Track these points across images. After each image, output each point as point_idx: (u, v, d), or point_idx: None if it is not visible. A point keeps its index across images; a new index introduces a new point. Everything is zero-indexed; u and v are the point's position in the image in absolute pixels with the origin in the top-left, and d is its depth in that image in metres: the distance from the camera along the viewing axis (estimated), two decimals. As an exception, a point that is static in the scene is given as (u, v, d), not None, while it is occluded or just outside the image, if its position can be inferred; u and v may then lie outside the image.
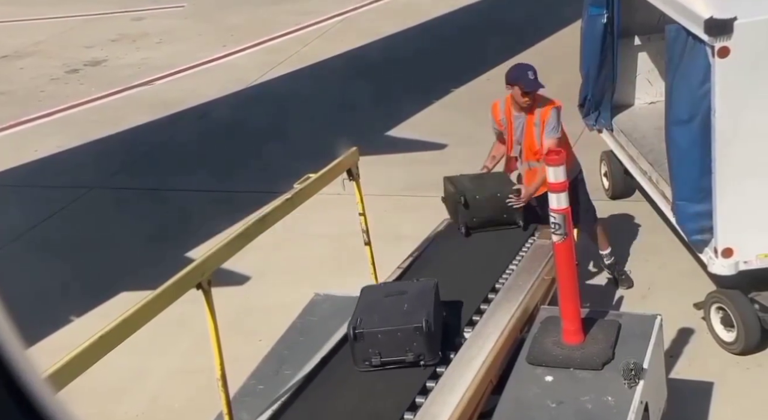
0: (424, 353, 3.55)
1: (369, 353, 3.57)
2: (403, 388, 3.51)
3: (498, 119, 5.17)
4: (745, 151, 4.38)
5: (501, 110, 5.17)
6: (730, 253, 4.51)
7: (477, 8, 11.77)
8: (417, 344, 3.54)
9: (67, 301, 6.07)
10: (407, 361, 3.56)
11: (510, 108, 5.11)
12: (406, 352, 3.54)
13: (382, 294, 3.84)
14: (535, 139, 5.02)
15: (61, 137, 9.10)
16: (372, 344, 3.55)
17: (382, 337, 3.56)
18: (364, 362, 3.59)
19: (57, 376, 2.61)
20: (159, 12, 13.49)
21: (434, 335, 3.59)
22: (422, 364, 3.57)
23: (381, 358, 3.56)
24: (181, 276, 3.15)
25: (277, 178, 6.13)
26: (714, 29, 4.16)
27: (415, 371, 3.59)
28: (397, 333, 3.56)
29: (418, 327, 3.52)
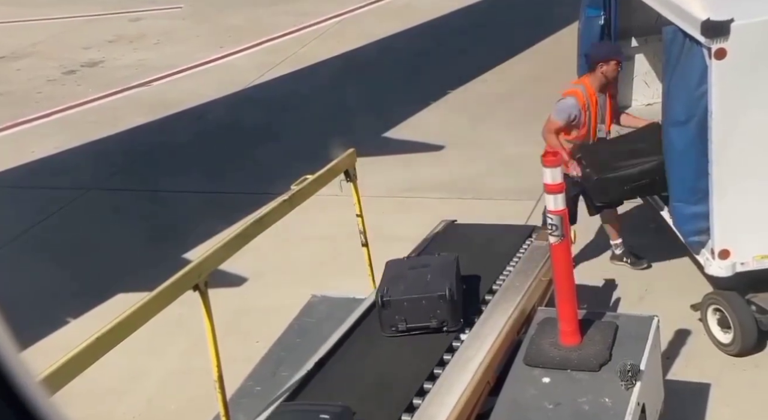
0: (447, 320, 3.80)
1: (396, 320, 3.80)
2: (401, 389, 3.51)
3: (584, 104, 5.25)
4: (741, 152, 4.39)
5: (584, 94, 5.27)
6: (727, 254, 4.52)
7: (474, 10, 11.79)
8: (440, 311, 3.78)
9: (64, 302, 6.06)
10: (431, 327, 3.79)
11: (592, 89, 5.29)
12: (431, 319, 3.79)
13: (407, 267, 4.08)
14: (614, 112, 5.43)
15: (58, 138, 9.09)
16: (398, 311, 3.78)
17: (408, 305, 3.79)
18: (391, 328, 3.82)
19: (53, 378, 2.60)
20: (157, 13, 13.48)
21: (456, 303, 3.82)
22: (445, 329, 3.81)
23: (407, 324, 3.79)
24: (179, 277, 3.14)
25: (275, 179, 6.13)
26: (711, 31, 4.17)
27: (412, 373, 3.60)
28: (422, 301, 3.79)
29: (442, 295, 3.77)
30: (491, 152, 7.74)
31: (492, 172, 7.35)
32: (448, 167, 7.56)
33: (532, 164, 5.09)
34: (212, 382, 3.27)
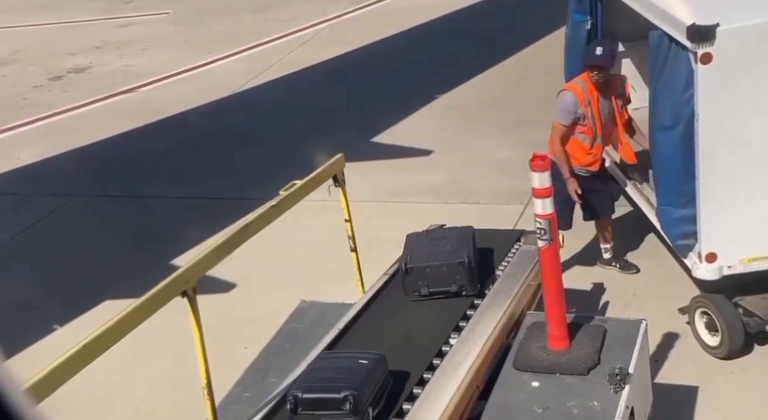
0: (466, 285, 4.15)
1: (418, 285, 4.14)
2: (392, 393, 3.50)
3: (583, 99, 5.12)
4: (728, 156, 4.42)
5: (583, 90, 5.16)
6: (714, 257, 4.54)
7: (459, 16, 11.82)
8: (460, 277, 4.13)
9: (51, 310, 6.01)
10: (451, 292, 4.14)
11: (591, 85, 5.15)
12: (450, 284, 4.14)
13: (427, 238, 4.41)
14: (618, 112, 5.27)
15: (44, 145, 9.03)
16: (421, 277, 4.14)
17: (430, 271, 4.14)
18: (414, 292, 4.16)
19: (40, 386, 2.58)
20: (143, 19, 13.45)
21: (474, 270, 4.17)
22: (464, 294, 4.15)
23: (429, 289, 4.14)
24: (166, 284, 3.13)
25: (263, 185, 6.11)
26: (696, 36, 4.20)
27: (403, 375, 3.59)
28: (443, 268, 4.14)
29: (461, 262, 4.13)
30: (479, 156, 7.76)
31: (480, 177, 7.36)
32: (437, 172, 7.57)
33: (520, 168, 5.12)
34: (201, 389, 3.25)
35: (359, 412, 3.19)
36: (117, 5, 14.22)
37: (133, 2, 14.42)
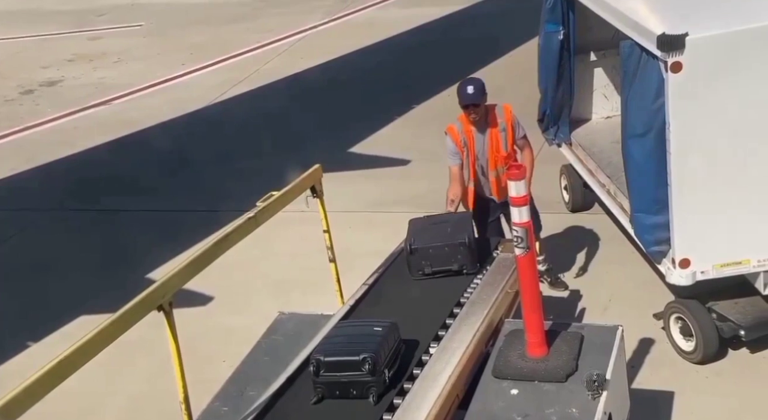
0: (467, 264, 4.44)
1: (422, 264, 4.43)
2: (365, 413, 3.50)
3: (459, 141, 5.16)
4: (699, 163, 4.48)
5: (459, 131, 5.19)
6: (688, 263, 4.59)
7: (435, 27, 11.90)
8: (461, 257, 4.42)
9: (23, 327, 5.93)
10: (453, 270, 4.43)
11: (467, 125, 5.17)
12: (452, 263, 4.42)
13: (429, 222, 4.70)
14: (501, 145, 5.16)
15: (15, 159, 8.93)
16: (424, 257, 4.43)
17: (433, 251, 4.43)
18: (418, 272, 4.45)
19: (12, 406, 2.53)
20: (116, 31, 13.37)
21: (474, 250, 4.46)
22: (465, 272, 4.43)
23: (432, 268, 4.43)
24: (142, 298, 3.10)
25: (239, 197, 6.09)
26: (666, 45, 4.26)
27: None
28: (445, 248, 4.43)
29: (462, 242, 4.42)
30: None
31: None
32: (415, 181, 7.59)
33: (495, 178, 5.13)
34: (178, 404, 3.22)
35: (377, 373, 3.47)
36: (89, 18, 14.12)
37: (106, 15, 14.34)
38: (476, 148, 5.17)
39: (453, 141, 5.18)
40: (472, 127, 5.15)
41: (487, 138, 5.16)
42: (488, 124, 5.15)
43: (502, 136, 5.15)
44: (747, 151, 4.48)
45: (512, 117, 5.19)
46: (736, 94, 4.39)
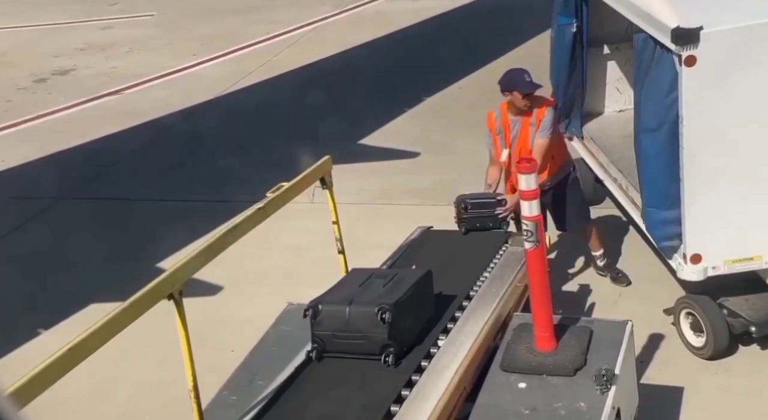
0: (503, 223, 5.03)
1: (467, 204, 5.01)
2: (378, 396, 3.50)
3: (494, 127, 5.21)
4: (712, 158, 4.45)
5: (496, 118, 5.22)
6: (699, 259, 4.57)
7: (445, 19, 11.85)
8: None
9: (35, 314, 5.96)
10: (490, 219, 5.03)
11: (506, 114, 5.19)
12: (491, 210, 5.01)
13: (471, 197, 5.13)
14: (529, 140, 5.17)
15: (27, 147, 8.96)
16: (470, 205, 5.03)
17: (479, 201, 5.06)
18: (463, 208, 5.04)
19: (24, 391, 2.55)
20: (128, 21, 13.39)
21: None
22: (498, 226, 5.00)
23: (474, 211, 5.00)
24: (152, 286, 3.10)
25: (249, 188, 6.10)
26: (681, 38, 4.23)
27: (392, 376, 3.58)
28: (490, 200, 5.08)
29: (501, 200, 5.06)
30: (466, 159, 7.76)
31: (467, 179, 7.36)
32: (424, 174, 7.58)
33: (506, 171, 5.13)
34: (187, 393, 3.23)
35: None
36: (101, 7, 14.14)
37: (117, 4, 14.36)
38: (511, 138, 5.21)
39: (488, 126, 5.26)
40: (509, 116, 5.18)
41: (519, 129, 5.18)
42: (522, 115, 5.17)
43: (532, 129, 5.17)
44: (760, 146, 4.45)
45: (545, 113, 5.13)
46: (750, 89, 4.36)
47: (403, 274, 3.93)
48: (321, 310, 3.60)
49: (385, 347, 3.51)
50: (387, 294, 3.63)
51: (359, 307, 3.55)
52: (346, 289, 3.79)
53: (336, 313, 3.60)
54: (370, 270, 4.05)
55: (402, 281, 3.76)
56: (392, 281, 3.76)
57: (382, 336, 3.52)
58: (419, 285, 3.80)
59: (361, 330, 3.55)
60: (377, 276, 3.88)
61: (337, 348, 3.61)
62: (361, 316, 3.53)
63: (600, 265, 5.66)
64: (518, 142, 5.18)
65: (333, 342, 3.61)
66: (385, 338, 3.52)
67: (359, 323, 3.54)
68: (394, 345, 3.52)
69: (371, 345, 3.53)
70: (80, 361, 2.77)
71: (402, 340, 3.57)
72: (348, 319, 3.56)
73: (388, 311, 3.49)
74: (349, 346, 3.58)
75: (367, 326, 3.53)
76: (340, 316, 3.59)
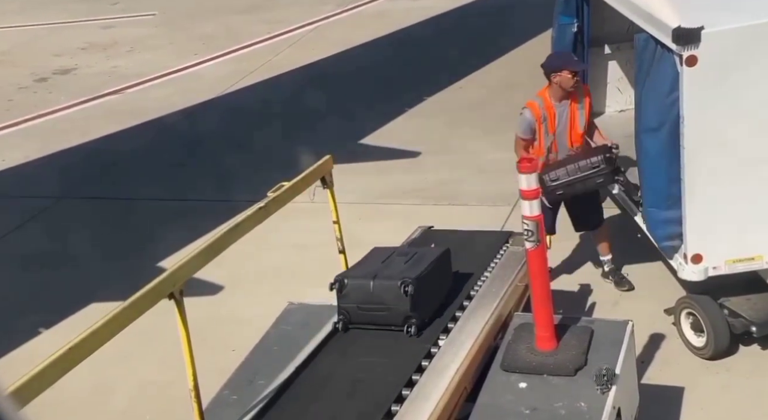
0: None
1: None
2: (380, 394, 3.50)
3: (539, 116, 5.13)
4: (713, 158, 4.45)
5: (540, 106, 5.16)
6: (700, 259, 4.57)
7: (447, 18, 11.85)
8: None
9: (36, 313, 5.96)
10: None
11: (548, 101, 5.16)
12: None
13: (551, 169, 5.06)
14: (578, 123, 5.17)
15: (28, 147, 8.97)
16: None
17: None
18: None
19: (24, 390, 2.55)
20: (129, 20, 13.39)
21: None
22: None
23: None
24: (153, 286, 3.11)
25: (250, 187, 6.10)
26: (682, 38, 4.23)
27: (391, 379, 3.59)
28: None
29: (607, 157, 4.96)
30: (467, 158, 7.77)
31: (468, 179, 7.38)
32: (424, 174, 7.58)
33: (507, 170, 5.14)
34: (188, 392, 3.23)
35: None
36: (103, 6, 14.14)
37: (118, 3, 14.36)
38: (557, 125, 5.16)
39: (533, 115, 5.16)
40: (554, 103, 5.15)
41: (567, 114, 5.16)
42: (569, 100, 5.16)
43: (581, 113, 5.17)
44: (761, 145, 4.45)
45: (590, 96, 5.19)
46: (751, 89, 4.36)
47: (424, 251, 4.13)
48: (347, 284, 3.83)
49: (407, 318, 3.73)
50: (409, 269, 3.84)
51: (383, 281, 3.77)
52: (370, 264, 4.00)
53: (361, 287, 3.82)
54: (392, 248, 4.25)
55: (423, 258, 3.98)
56: (413, 258, 3.98)
57: (404, 308, 3.73)
58: (439, 261, 4.02)
59: (384, 302, 3.75)
60: (398, 253, 4.09)
61: (362, 319, 3.80)
62: (385, 289, 3.74)
63: (606, 270, 5.63)
64: (570, 129, 5.17)
65: (358, 314, 3.82)
66: (408, 310, 3.73)
67: (383, 296, 3.75)
68: (416, 316, 3.73)
69: (394, 316, 3.74)
70: (81, 361, 2.77)
71: (423, 312, 3.78)
72: (372, 292, 3.78)
73: (411, 284, 3.71)
74: (373, 318, 3.78)
75: (391, 299, 3.74)
76: (365, 290, 3.80)
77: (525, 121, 5.19)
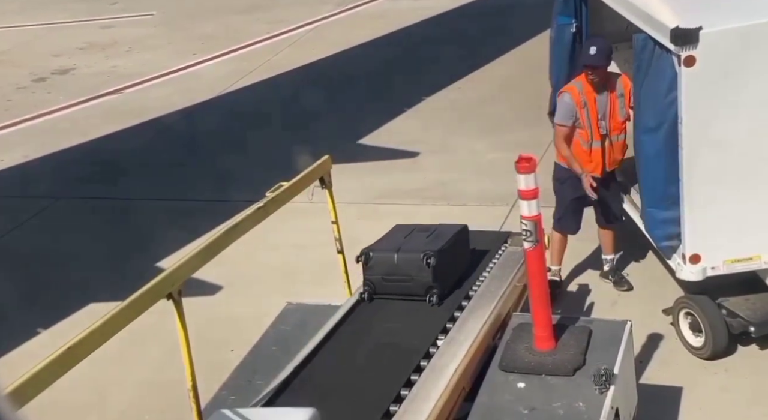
0: None
1: None
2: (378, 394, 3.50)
3: (579, 102, 5.05)
4: (711, 158, 4.45)
5: (580, 91, 5.09)
6: (698, 259, 4.57)
7: (446, 18, 11.85)
8: None
9: (34, 313, 5.96)
10: None
11: (588, 86, 5.07)
12: None
13: None
14: (618, 112, 5.11)
15: (27, 147, 8.97)
16: None
17: None
18: None
19: (23, 390, 2.55)
20: (128, 20, 13.38)
21: None
22: None
23: None
24: (152, 286, 3.11)
25: (249, 187, 6.10)
26: (680, 38, 4.23)
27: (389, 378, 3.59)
28: None
29: None
30: (465, 158, 7.78)
31: (466, 178, 7.38)
32: (423, 174, 7.58)
33: (506, 170, 5.14)
34: (186, 392, 3.24)
35: None
36: (102, 6, 14.14)
37: (117, 3, 14.36)
38: (598, 110, 5.09)
39: (573, 100, 5.05)
40: (593, 89, 5.06)
41: (608, 102, 5.09)
42: (608, 89, 5.09)
43: (620, 102, 5.09)
44: (760, 146, 4.45)
45: (630, 85, 5.06)
46: (749, 89, 4.36)
47: (443, 228, 4.37)
48: (372, 257, 4.07)
49: (429, 288, 3.98)
50: (430, 243, 4.11)
51: (406, 254, 4.01)
52: (393, 239, 4.25)
53: (386, 259, 4.06)
54: (412, 225, 4.50)
55: (442, 233, 4.24)
56: (434, 234, 4.25)
57: (427, 279, 3.99)
58: (458, 236, 4.29)
59: (408, 273, 3.99)
60: (419, 230, 4.32)
61: (386, 290, 4.05)
62: (409, 261, 3.99)
63: (606, 269, 5.61)
64: (608, 116, 5.10)
65: (383, 285, 4.06)
66: (430, 281, 4.00)
67: (407, 268, 4.00)
68: (437, 286, 3.98)
69: (417, 287, 3.99)
70: (79, 361, 2.77)
71: (444, 282, 4.02)
72: (396, 264, 4.02)
73: (433, 257, 3.97)
74: (397, 288, 4.03)
75: (414, 270, 4.00)
76: (390, 262, 4.04)
77: (565, 106, 5.04)
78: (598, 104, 5.08)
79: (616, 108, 5.11)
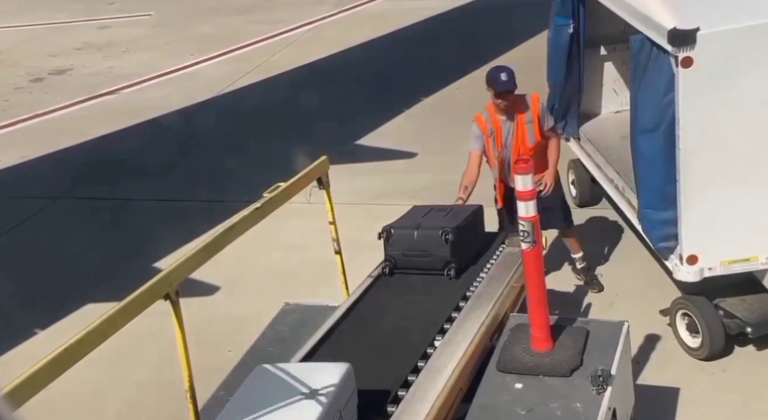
0: None
1: None
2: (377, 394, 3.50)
3: (486, 129, 5.12)
4: (708, 159, 4.45)
5: (487, 119, 5.15)
6: (695, 260, 4.58)
7: (444, 19, 11.87)
8: None
9: (31, 313, 5.96)
10: None
11: (495, 115, 5.14)
12: None
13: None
14: (527, 137, 5.12)
15: (25, 147, 8.96)
16: None
17: None
18: None
19: (20, 391, 2.55)
20: (125, 21, 13.39)
21: None
22: None
23: None
24: (149, 286, 3.11)
25: (247, 187, 6.09)
26: (677, 39, 4.24)
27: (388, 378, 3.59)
28: None
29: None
30: (463, 159, 7.74)
31: (464, 180, 7.37)
32: (421, 174, 7.59)
33: (503, 171, 5.14)
34: (183, 393, 3.23)
35: None
36: (99, 6, 14.14)
37: (115, 4, 14.35)
38: (503, 139, 5.13)
39: (480, 128, 5.15)
40: (500, 117, 5.11)
41: (513, 129, 5.12)
42: (516, 114, 5.11)
43: (529, 127, 5.11)
44: (757, 147, 4.46)
45: (539, 107, 5.13)
46: (747, 90, 4.37)
47: (459, 208, 4.70)
48: (393, 233, 4.29)
49: (447, 263, 4.25)
50: (448, 221, 4.36)
51: (426, 231, 4.24)
52: (412, 218, 4.49)
53: (406, 236, 4.32)
54: (430, 206, 4.76)
55: (459, 213, 4.52)
56: (450, 212, 4.53)
57: (445, 254, 4.23)
58: (473, 215, 4.55)
59: (427, 249, 4.21)
60: (437, 210, 4.60)
61: (407, 265, 4.28)
62: (428, 238, 4.22)
63: (578, 267, 5.64)
64: (516, 143, 5.15)
65: (403, 260, 4.31)
66: (448, 256, 4.24)
67: (426, 243, 4.22)
68: (454, 261, 4.21)
69: (436, 262, 4.22)
70: (76, 361, 2.77)
71: (461, 257, 4.28)
72: (416, 240, 4.25)
73: (451, 233, 4.22)
74: (416, 263, 4.27)
75: (433, 246, 4.24)
76: (410, 238, 4.31)
77: (473, 135, 5.18)
78: (503, 133, 5.13)
79: (525, 134, 5.12)
